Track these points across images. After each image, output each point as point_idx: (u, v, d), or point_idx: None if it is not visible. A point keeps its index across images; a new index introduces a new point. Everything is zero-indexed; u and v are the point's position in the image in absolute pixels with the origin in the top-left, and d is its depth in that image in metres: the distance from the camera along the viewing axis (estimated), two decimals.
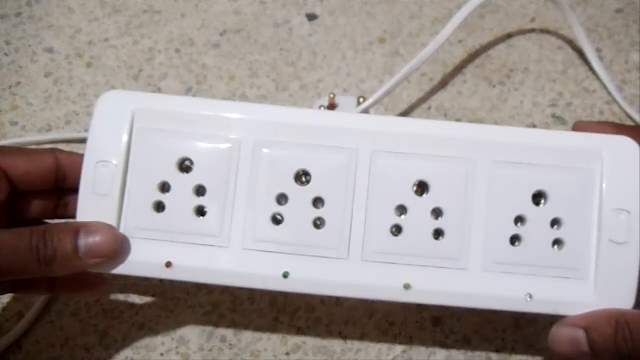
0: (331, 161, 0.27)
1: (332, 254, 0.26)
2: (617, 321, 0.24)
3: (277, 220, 0.26)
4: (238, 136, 0.27)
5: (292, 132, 0.27)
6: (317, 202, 0.27)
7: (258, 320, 0.35)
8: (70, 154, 0.29)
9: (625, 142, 0.26)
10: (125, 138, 0.27)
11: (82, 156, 0.28)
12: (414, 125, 0.28)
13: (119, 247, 0.26)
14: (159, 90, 0.43)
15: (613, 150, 0.26)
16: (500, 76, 0.45)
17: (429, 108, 0.43)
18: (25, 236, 0.25)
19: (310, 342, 0.34)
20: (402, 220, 0.26)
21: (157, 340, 0.34)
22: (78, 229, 0.25)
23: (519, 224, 0.26)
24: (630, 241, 0.26)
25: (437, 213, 0.26)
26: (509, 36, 0.47)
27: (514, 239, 0.26)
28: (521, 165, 0.26)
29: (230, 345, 0.34)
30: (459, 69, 0.45)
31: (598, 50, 0.46)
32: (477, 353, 0.34)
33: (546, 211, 0.26)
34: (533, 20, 0.48)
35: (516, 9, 0.49)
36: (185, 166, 0.27)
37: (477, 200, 0.26)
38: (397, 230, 0.26)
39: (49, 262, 0.25)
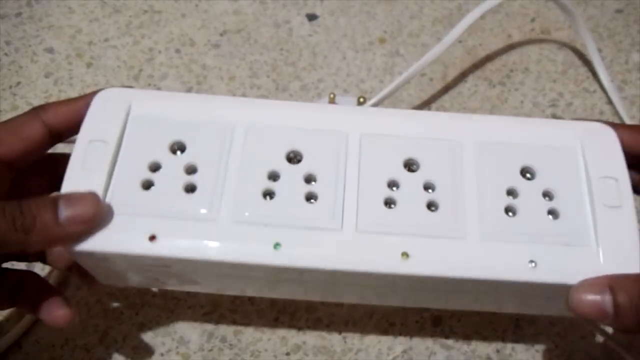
0: (322, 141, 0.27)
1: (325, 225, 0.25)
2: None
3: (268, 195, 0.26)
4: (232, 121, 0.28)
5: (284, 118, 0.28)
6: (309, 179, 0.27)
7: (258, 320, 0.35)
8: (56, 109, 0.28)
9: (599, 126, 0.27)
10: (120, 121, 0.27)
11: (67, 105, 0.28)
12: (400, 113, 0.29)
13: (101, 213, 0.25)
14: (158, 89, 0.43)
15: (590, 132, 0.27)
16: (500, 76, 0.45)
17: (429, 108, 0.43)
18: None
19: (310, 342, 0.34)
20: (394, 193, 0.26)
21: (157, 340, 0.34)
22: (57, 198, 0.24)
23: (510, 197, 0.26)
24: (623, 205, 0.26)
25: (428, 187, 0.27)
26: (509, 36, 0.47)
27: (508, 210, 0.26)
28: (504, 144, 0.27)
29: (230, 345, 0.34)
30: (459, 69, 0.45)
31: (598, 50, 0.46)
32: (477, 353, 0.34)
33: (536, 184, 0.26)
34: (533, 20, 0.48)
35: (516, 9, 0.49)
36: (177, 148, 0.27)
37: (467, 174, 0.27)
38: (390, 203, 0.26)
39: (27, 230, 0.23)
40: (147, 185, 0.26)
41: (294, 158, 0.27)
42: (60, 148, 0.30)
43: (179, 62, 0.44)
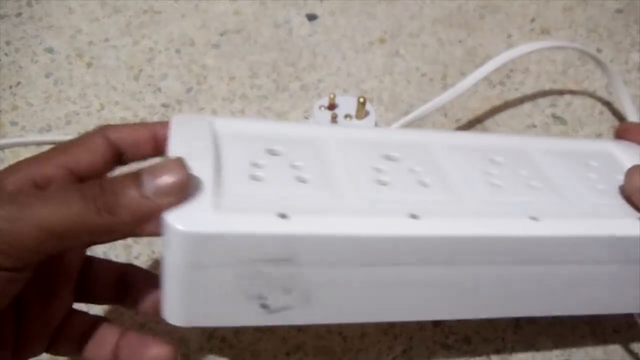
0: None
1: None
2: None
3: (382, 184, 0.26)
4: (319, 135, 0.28)
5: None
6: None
7: None
8: (120, 129, 0.26)
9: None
10: (210, 136, 0.25)
11: (131, 127, 0.26)
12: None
13: (189, 180, 0.22)
14: (158, 90, 0.43)
15: None
16: (500, 76, 0.45)
17: None
18: (75, 189, 0.21)
19: (310, 342, 0.34)
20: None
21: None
22: (139, 171, 0.21)
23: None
24: None
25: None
26: (509, 36, 0.47)
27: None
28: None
29: (230, 345, 0.34)
30: (459, 69, 0.45)
31: (598, 50, 0.46)
32: (477, 353, 0.34)
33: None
34: (533, 20, 0.48)
35: (516, 9, 0.49)
36: (274, 154, 0.26)
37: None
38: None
39: (110, 209, 0.21)
40: (257, 178, 0.24)
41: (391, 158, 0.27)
42: None
43: (179, 62, 0.44)
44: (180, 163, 0.22)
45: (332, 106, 0.40)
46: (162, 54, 0.45)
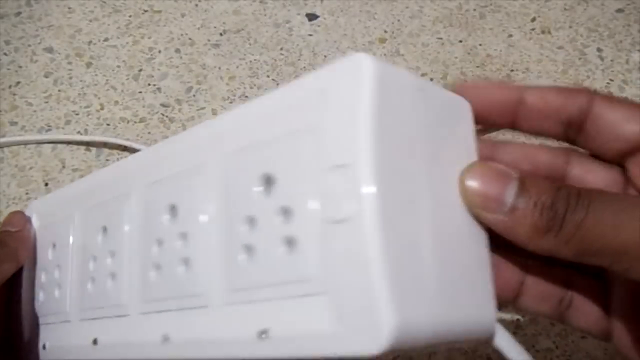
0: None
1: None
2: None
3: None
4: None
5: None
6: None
7: None
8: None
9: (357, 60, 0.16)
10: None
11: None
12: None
13: None
14: (158, 89, 0.43)
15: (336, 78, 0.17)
16: (500, 76, 0.45)
17: None
18: None
19: None
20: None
21: None
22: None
23: (251, 227, 0.18)
24: (352, 216, 0.15)
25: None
26: (510, 36, 0.47)
27: (250, 250, 0.18)
28: (248, 148, 0.18)
29: None
30: (459, 69, 0.45)
31: (598, 50, 0.46)
32: (478, 353, 0.34)
33: (275, 199, 0.17)
34: (533, 19, 0.48)
35: (516, 9, 0.49)
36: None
37: (214, 209, 0.19)
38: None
39: None
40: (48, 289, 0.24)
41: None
42: None
43: (178, 62, 0.44)
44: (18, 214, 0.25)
45: None
46: (161, 54, 0.45)
